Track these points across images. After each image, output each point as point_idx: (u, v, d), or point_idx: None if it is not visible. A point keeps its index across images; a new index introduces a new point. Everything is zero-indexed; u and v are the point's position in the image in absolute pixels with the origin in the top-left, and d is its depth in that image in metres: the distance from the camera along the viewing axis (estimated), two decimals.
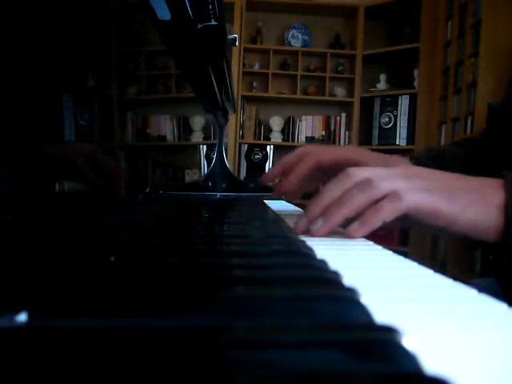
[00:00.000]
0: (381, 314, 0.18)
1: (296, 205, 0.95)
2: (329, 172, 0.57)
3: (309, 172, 0.59)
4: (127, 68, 0.56)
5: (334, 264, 0.27)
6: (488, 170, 0.45)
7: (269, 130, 3.73)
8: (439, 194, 0.41)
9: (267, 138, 3.71)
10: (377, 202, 0.41)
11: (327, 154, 0.59)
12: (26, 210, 0.27)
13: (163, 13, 0.53)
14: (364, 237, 0.43)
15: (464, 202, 0.41)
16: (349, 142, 3.65)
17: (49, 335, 0.14)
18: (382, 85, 3.67)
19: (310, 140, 3.70)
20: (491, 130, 0.82)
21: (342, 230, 0.43)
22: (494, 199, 0.41)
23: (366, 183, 0.41)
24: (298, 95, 3.65)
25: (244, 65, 3.62)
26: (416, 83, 3.45)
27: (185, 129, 0.95)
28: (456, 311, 0.20)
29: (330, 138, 3.71)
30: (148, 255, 0.30)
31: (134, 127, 0.58)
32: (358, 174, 0.43)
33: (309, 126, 3.72)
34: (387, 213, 0.40)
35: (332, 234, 0.45)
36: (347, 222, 0.42)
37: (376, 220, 0.40)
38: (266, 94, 3.65)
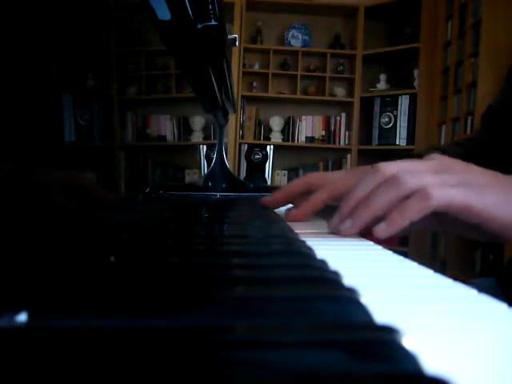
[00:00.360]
0: (381, 314, 0.18)
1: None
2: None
3: (323, 204, 0.55)
4: (127, 68, 0.56)
5: (333, 264, 0.27)
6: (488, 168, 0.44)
7: (269, 130, 3.73)
8: (472, 189, 0.39)
9: (267, 138, 3.71)
10: (406, 198, 0.39)
11: (339, 185, 0.54)
12: (26, 209, 0.27)
13: (163, 13, 0.53)
14: (364, 237, 0.43)
15: (499, 199, 0.39)
16: (349, 142, 3.65)
17: (49, 335, 0.14)
18: (382, 85, 3.67)
19: (310, 140, 3.70)
20: (488, 128, 0.81)
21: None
22: None
23: (394, 180, 0.40)
24: (298, 95, 3.65)
25: (244, 65, 3.62)
26: (416, 83, 3.45)
27: (185, 129, 0.95)
28: (456, 311, 0.20)
29: (329, 138, 3.71)
30: (148, 255, 0.30)
31: (134, 127, 0.58)
32: (386, 169, 0.42)
33: (309, 126, 3.72)
34: (414, 212, 0.38)
35: (332, 234, 0.45)
36: (377, 220, 0.41)
37: (402, 220, 0.39)
38: (265, 94, 3.65)
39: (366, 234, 0.43)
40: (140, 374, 0.12)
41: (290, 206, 0.62)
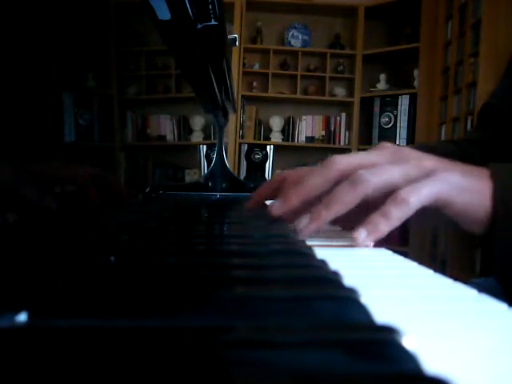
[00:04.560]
0: (381, 314, 0.18)
1: None
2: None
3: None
4: (127, 68, 0.56)
5: (333, 264, 0.27)
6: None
7: (269, 129, 3.73)
8: (437, 180, 0.38)
9: (267, 138, 3.71)
10: (369, 197, 0.38)
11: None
12: (26, 209, 0.27)
13: (163, 13, 0.53)
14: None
15: (458, 186, 0.38)
16: (349, 142, 3.65)
17: (49, 335, 0.14)
18: (381, 85, 3.67)
19: (310, 140, 3.70)
20: (486, 127, 0.80)
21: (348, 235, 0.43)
22: (483, 187, 0.39)
23: (355, 177, 0.38)
24: (298, 95, 3.65)
25: (244, 65, 3.62)
26: (416, 83, 3.45)
27: (185, 129, 0.95)
28: (456, 311, 0.20)
29: (329, 138, 3.71)
30: (148, 255, 0.30)
31: (134, 127, 0.58)
32: (341, 163, 0.40)
33: (309, 125, 3.72)
34: (395, 220, 0.37)
35: (332, 234, 0.45)
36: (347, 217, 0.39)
37: (385, 227, 0.37)
38: (265, 94, 3.65)
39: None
40: (140, 374, 0.12)
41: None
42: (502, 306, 0.20)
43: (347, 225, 0.44)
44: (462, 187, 0.38)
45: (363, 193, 0.38)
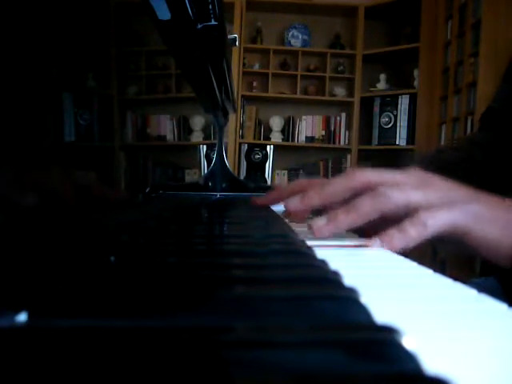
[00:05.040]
0: (381, 313, 0.18)
1: None
2: None
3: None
4: (127, 68, 0.56)
5: (333, 264, 0.27)
6: (491, 173, 0.44)
7: (269, 129, 3.73)
8: (457, 208, 0.38)
9: (267, 138, 3.71)
10: (388, 215, 0.39)
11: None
12: (26, 209, 0.27)
13: (163, 13, 0.53)
14: (363, 236, 0.43)
15: (483, 217, 0.38)
16: (349, 142, 3.65)
17: (49, 335, 0.14)
18: (381, 85, 3.67)
19: (310, 140, 3.70)
20: (488, 130, 0.80)
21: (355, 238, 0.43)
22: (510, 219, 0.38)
23: (377, 191, 0.39)
24: (298, 95, 3.65)
25: (244, 65, 3.62)
26: (416, 83, 3.45)
27: (185, 129, 0.95)
28: (456, 311, 0.20)
29: (329, 138, 3.71)
30: (148, 255, 0.30)
31: (134, 127, 0.58)
32: (366, 175, 0.41)
33: (309, 125, 3.72)
34: (411, 238, 0.37)
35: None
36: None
37: (400, 242, 0.37)
38: (265, 94, 3.65)
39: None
40: (140, 374, 0.12)
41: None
42: (502, 306, 0.20)
43: (365, 236, 0.44)
44: (484, 218, 0.38)
45: (383, 208, 0.38)
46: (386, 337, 0.14)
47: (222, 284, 0.22)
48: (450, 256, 2.98)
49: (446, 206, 0.38)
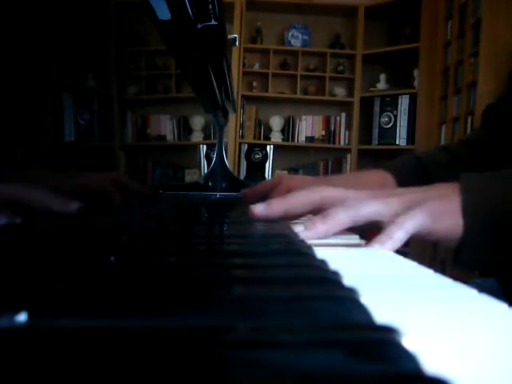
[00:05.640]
0: (381, 313, 0.18)
1: None
2: None
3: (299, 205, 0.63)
4: (127, 68, 0.56)
5: (333, 264, 0.27)
6: (479, 169, 0.46)
7: (269, 129, 3.73)
8: (424, 212, 0.41)
9: (267, 138, 3.71)
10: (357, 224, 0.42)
11: (295, 184, 0.65)
12: (26, 209, 0.27)
13: (163, 13, 0.53)
14: (363, 236, 0.43)
15: (437, 215, 0.42)
16: (349, 142, 3.65)
17: (49, 335, 0.14)
18: (381, 85, 3.67)
19: (310, 140, 3.70)
20: (487, 125, 0.81)
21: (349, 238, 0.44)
22: (456, 208, 0.42)
23: (348, 203, 0.42)
24: (298, 95, 3.65)
25: (244, 65, 3.62)
26: (416, 83, 3.44)
27: (185, 129, 0.95)
28: (456, 311, 0.20)
29: (329, 137, 3.71)
30: (148, 255, 0.30)
31: (134, 127, 0.58)
32: (330, 191, 0.45)
33: (309, 125, 3.72)
34: (398, 243, 0.40)
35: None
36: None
37: (393, 244, 0.40)
38: (265, 94, 3.65)
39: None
40: (140, 374, 0.12)
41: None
42: (502, 306, 0.20)
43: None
44: (441, 213, 0.42)
45: (355, 217, 0.42)
46: (386, 337, 0.14)
47: (222, 284, 0.22)
48: (450, 256, 2.97)
49: (409, 212, 0.41)
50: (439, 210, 0.42)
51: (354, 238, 0.43)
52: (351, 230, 0.44)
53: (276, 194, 0.65)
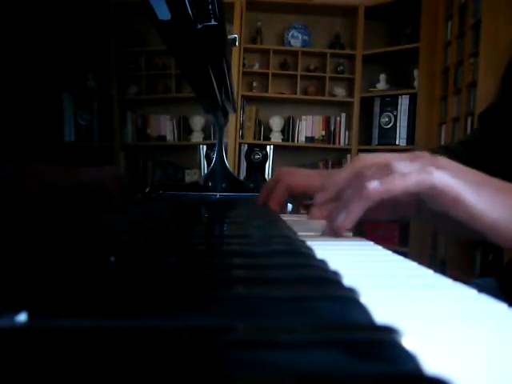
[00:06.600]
0: (381, 313, 0.18)
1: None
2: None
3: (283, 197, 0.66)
4: (127, 68, 0.56)
5: (334, 264, 0.27)
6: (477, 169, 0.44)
7: (269, 129, 3.73)
8: (466, 184, 0.37)
9: (267, 138, 3.71)
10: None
11: (296, 181, 0.66)
12: (26, 209, 0.27)
13: (163, 13, 0.53)
14: (364, 236, 0.43)
15: (490, 200, 0.38)
16: (349, 142, 3.65)
17: (49, 335, 0.14)
18: (381, 85, 3.67)
19: (310, 140, 3.70)
20: (484, 128, 0.82)
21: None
22: None
23: (386, 166, 0.39)
24: (298, 95, 3.65)
25: (244, 65, 3.62)
26: (416, 83, 3.44)
27: (185, 129, 0.95)
28: (456, 311, 0.20)
29: (329, 138, 3.71)
30: (148, 255, 0.30)
31: (134, 127, 0.58)
32: (373, 157, 0.43)
33: (309, 126, 3.72)
34: (413, 181, 0.37)
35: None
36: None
37: (399, 183, 0.37)
38: (265, 94, 3.65)
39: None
40: (140, 374, 0.12)
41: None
42: (502, 306, 0.20)
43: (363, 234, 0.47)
44: (492, 202, 0.38)
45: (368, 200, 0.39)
46: (386, 337, 0.14)
47: (222, 284, 0.22)
48: (450, 256, 2.97)
49: (456, 178, 0.38)
50: (489, 192, 0.38)
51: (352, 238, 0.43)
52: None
53: (276, 192, 0.65)
